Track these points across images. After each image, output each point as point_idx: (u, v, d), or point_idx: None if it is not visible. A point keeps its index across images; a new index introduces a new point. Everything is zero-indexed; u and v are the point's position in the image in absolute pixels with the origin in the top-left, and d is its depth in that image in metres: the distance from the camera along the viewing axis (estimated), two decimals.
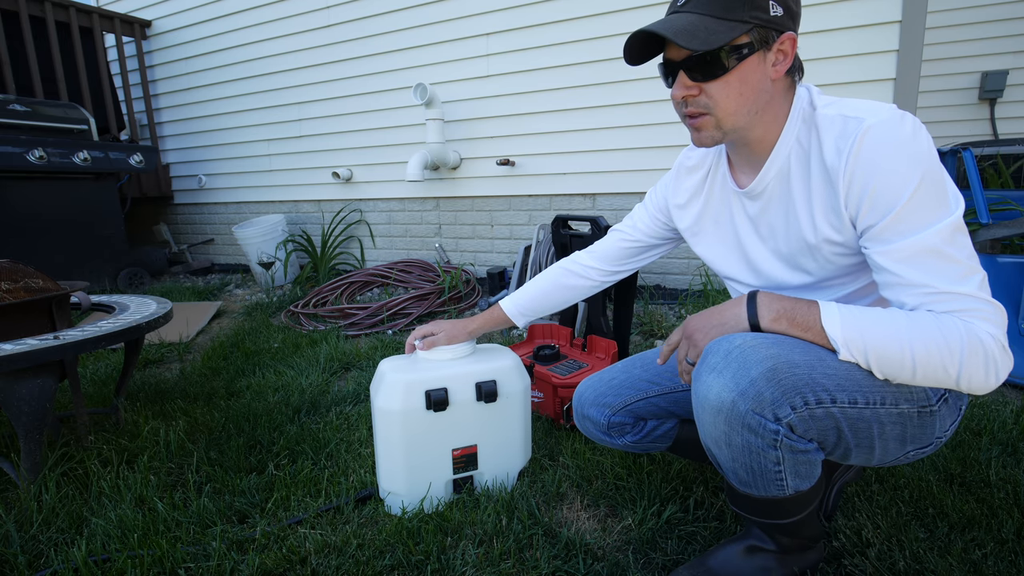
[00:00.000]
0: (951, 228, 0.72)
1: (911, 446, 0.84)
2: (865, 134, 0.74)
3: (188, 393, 1.87)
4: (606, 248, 1.21)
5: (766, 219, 0.91)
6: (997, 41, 3.56)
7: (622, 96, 2.94)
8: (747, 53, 0.78)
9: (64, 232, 3.61)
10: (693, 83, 0.82)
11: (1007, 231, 1.92)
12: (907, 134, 0.73)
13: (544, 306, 1.25)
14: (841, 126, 0.78)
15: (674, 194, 1.08)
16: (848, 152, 0.75)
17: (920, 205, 0.72)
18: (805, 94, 0.85)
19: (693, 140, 0.90)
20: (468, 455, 1.20)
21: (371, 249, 3.98)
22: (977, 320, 0.71)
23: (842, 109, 0.79)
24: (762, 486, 0.82)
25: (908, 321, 0.72)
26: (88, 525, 1.15)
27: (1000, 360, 0.70)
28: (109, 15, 4.32)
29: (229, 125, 4.37)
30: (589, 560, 1.01)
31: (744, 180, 0.94)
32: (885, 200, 0.73)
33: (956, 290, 0.71)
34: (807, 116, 0.84)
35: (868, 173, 0.74)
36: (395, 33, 3.52)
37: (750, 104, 0.82)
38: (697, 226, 1.05)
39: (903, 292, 0.75)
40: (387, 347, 2.37)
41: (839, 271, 0.86)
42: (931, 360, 0.71)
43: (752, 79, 0.80)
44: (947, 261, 0.72)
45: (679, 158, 1.08)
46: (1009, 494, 1.15)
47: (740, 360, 0.75)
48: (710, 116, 0.83)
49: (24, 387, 1.22)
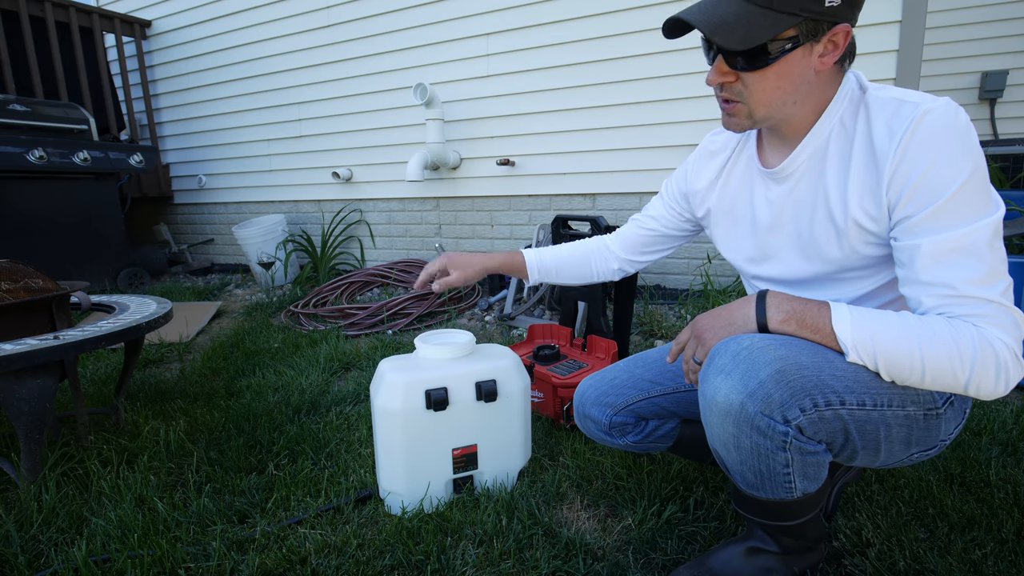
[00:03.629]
0: (991, 228, 0.70)
1: (916, 448, 0.84)
2: (922, 118, 0.71)
3: (188, 393, 1.87)
4: (625, 234, 1.22)
5: (790, 202, 0.89)
6: (997, 41, 3.56)
7: (622, 96, 2.94)
8: (791, 48, 0.74)
9: (64, 232, 3.61)
10: (730, 70, 0.79)
11: (1007, 231, 1.92)
12: (963, 125, 0.71)
13: (563, 273, 1.25)
14: (895, 108, 0.75)
15: (696, 178, 1.07)
16: (902, 135, 0.73)
17: (965, 200, 0.70)
18: (854, 78, 0.83)
19: (723, 122, 0.87)
20: (468, 455, 1.20)
21: (371, 249, 3.98)
22: (992, 327, 0.69)
23: (896, 94, 0.77)
24: (770, 489, 0.82)
25: (919, 325, 0.71)
26: (88, 525, 1.15)
27: (1012, 369, 0.69)
28: (109, 15, 4.32)
29: (229, 125, 4.37)
30: (589, 560, 1.01)
31: (773, 160, 0.91)
32: (932, 190, 0.71)
33: (977, 294, 0.70)
34: (855, 98, 0.81)
35: (919, 158, 0.72)
36: (395, 33, 3.52)
37: (787, 96, 0.79)
38: (715, 210, 1.04)
39: (923, 291, 0.73)
40: (387, 347, 2.37)
41: (861, 262, 0.84)
42: (941, 365, 0.70)
43: (794, 72, 0.77)
44: (977, 261, 0.70)
45: (703, 142, 1.07)
46: (1009, 494, 1.15)
47: (748, 362, 0.75)
48: (743, 105, 0.81)
49: (24, 387, 1.22)
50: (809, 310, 0.77)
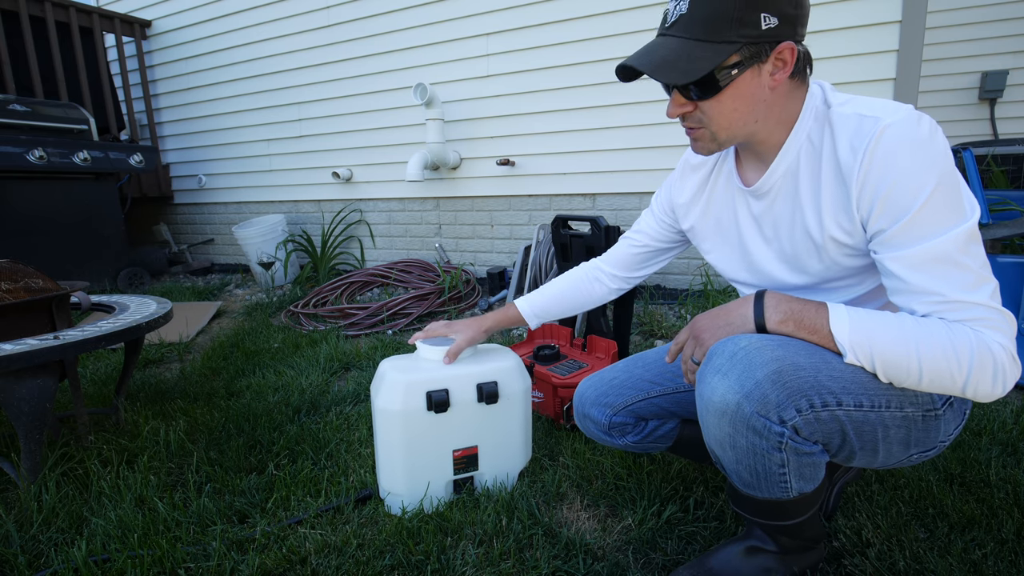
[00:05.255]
0: (965, 235, 0.70)
1: (915, 449, 0.84)
2: (882, 134, 0.72)
3: (188, 393, 1.87)
4: (618, 254, 1.21)
5: (770, 218, 0.90)
6: (997, 41, 3.56)
7: (622, 96, 2.94)
8: (738, 73, 0.76)
9: (64, 232, 3.61)
10: (686, 101, 0.81)
11: (1007, 231, 1.92)
12: (924, 135, 0.71)
13: (559, 309, 1.24)
14: (856, 125, 0.76)
15: (679, 192, 1.07)
16: (863, 151, 0.73)
17: (935, 210, 0.70)
18: (818, 91, 0.83)
19: (691, 147, 0.89)
20: (469, 456, 1.20)
21: (371, 249, 3.98)
22: (988, 330, 0.70)
23: (858, 108, 0.77)
24: (766, 488, 0.82)
25: (917, 327, 0.72)
26: (88, 525, 1.15)
27: (1009, 370, 0.69)
28: (109, 15, 4.32)
29: (229, 125, 4.37)
30: (589, 560, 1.01)
31: (751, 178, 0.92)
32: (899, 204, 0.71)
33: (967, 299, 0.70)
34: (820, 114, 0.82)
35: (883, 174, 0.72)
36: (395, 33, 3.52)
37: (746, 116, 0.81)
38: (700, 225, 1.04)
39: (913, 299, 0.73)
40: (387, 347, 2.37)
41: (845, 272, 0.85)
42: (938, 367, 0.70)
43: (747, 93, 0.78)
44: (959, 269, 0.70)
45: (684, 155, 1.08)
46: (1009, 494, 1.15)
47: (745, 362, 0.75)
48: (705, 130, 0.83)
49: (24, 387, 1.22)
50: (807, 311, 0.78)
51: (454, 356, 1.18)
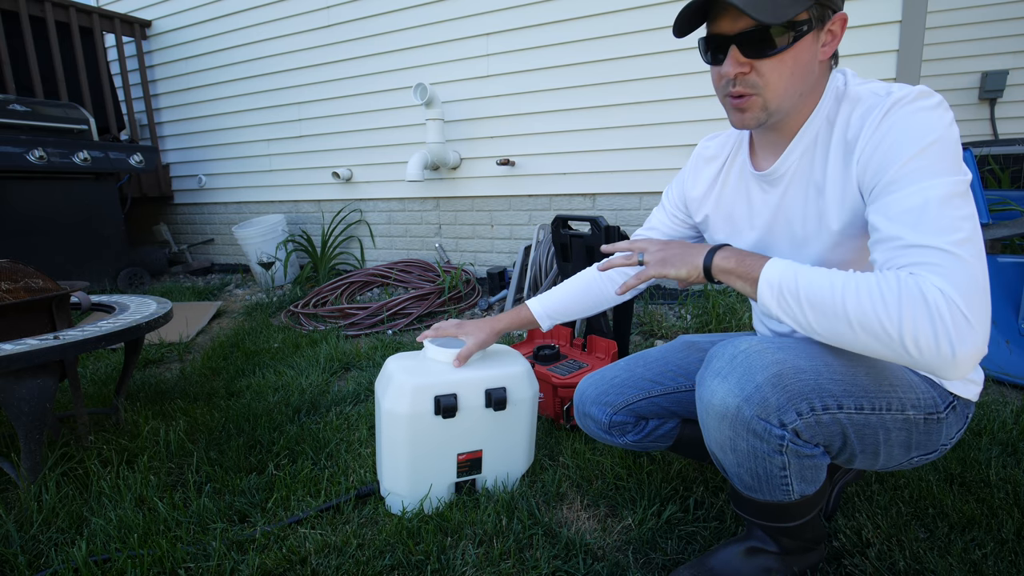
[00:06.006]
0: (947, 186, 0.67)
1: (916, 452, 0.84)
2: (891, 104, 0.73)
3: (188, 393, 1.87)
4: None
5: (784, 205, 0.89)
6: (997, 41, 3.56)
7: (622, 96, 2.94)
8: (805, 31, 0.76)
9: (64, 232, 3.61)
10: (746, 60, 0.78)
11: (1007, 231, 1.92)
12: (931, 104, 0.71)
13: (573, 310, 1.23)
14: (870, 100, 0.76)
15: (693, 186, 1.07)
16: (871, 118, 0.74)
17: (925, 163, 0.69)
18: (840, 76, 0.84)
19: (734, 122, 0.85)
20: (473, 460, 1.19)
21: (371, 249, 3.98)
22: (930, 274, 0.64)
23: (874, 87, 0.78)
24: (767, 491, 0.82)
25: (847, 276, 0.69)
26: (88, 525, 1.15)
27: (950, 320, 0.61)
28: (109, 15, 4.32)
29: (229, 125, 4.37)
30: (589, 560, 1.01)
31: (765, 163, 0.91)
32: (892, 154, 0.71)
33: (924, 242, 0.65)
34: (839, 94, 0.82)
35: (885, 132, 0.72)
36: (395, 33, 3.52)
37: (799, 86, 0.79)
38: (713, 215, 1.04)
39: (877, 248, 0.71)
40: (387, 347, 2.37)
41: (850, 254, 0.84)
42: (864, 310, 0.65)
43: (804, 59, 0.78)
44: (933, 217, 0.66)
45: (697, 148, 1.07)
46: (1009, 494, 1.15)
47: (745, 365, 0.75)
48: (758, 97, 0.80)
49: (24, 387, 1.22)
50: (751, 258, 0.78)
51: (464, 360, 1.16)
